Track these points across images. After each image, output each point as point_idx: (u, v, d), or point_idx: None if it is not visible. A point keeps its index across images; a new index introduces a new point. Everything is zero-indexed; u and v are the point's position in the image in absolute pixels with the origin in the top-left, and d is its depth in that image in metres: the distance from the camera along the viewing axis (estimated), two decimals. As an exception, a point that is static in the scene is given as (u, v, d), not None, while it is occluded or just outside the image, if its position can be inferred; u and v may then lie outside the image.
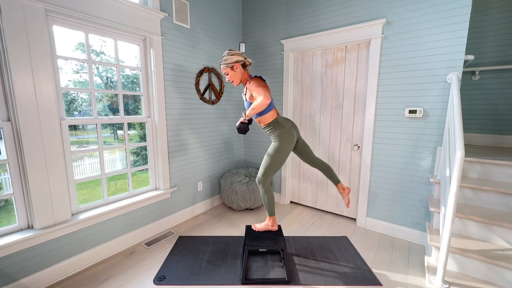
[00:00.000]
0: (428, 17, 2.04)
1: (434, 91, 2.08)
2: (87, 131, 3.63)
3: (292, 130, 1.85)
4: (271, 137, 1.86)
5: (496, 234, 1.72)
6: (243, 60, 1.77)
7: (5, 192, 1.71)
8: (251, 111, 1.66)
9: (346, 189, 2.08)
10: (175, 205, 2.64)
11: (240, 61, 1.76)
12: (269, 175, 1.86)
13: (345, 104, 2.61)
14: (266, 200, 1.92)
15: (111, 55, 2.17)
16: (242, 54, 1.79)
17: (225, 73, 1.81)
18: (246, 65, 1.80)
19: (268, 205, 1.93)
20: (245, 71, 1.80)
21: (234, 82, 1.81)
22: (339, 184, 2.08)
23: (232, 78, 1.80)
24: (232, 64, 1.75)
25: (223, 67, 1.79)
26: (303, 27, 2.75)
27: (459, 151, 1.40)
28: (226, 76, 1.82)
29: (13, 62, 1.49)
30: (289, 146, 1.83)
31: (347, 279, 1.78)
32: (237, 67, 1.76)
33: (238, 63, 1.75)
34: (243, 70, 1.79)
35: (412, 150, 2.24)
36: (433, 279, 1.63)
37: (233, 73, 1.78)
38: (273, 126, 1.83)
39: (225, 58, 1.76)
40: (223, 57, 1.78)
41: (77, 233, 1.88)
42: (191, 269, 1.90)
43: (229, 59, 1.75)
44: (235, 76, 1.79)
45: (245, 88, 1.80)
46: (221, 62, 1.79)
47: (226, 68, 1.77)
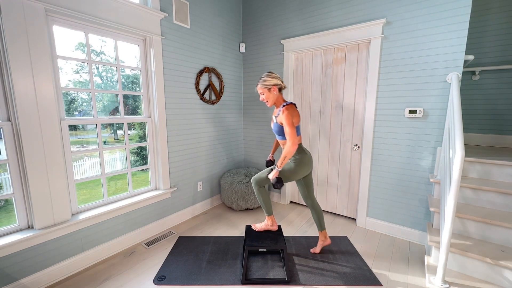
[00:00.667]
0: (428, 17, 2.04)
1: (434, 91, 2.08)
2: (87, 131, 3.64)
3: (311, 160, 1.93)
4: (291, 160, 1.89)
5: (496, 234, 1.72)
6: (280, 84, 1.83)
7: (5, 192, 1.71)
8: (283, 160, 1.72)
9: (327, 239, 2.07)
10: (175, 205, 2.64)
11: (278, 85, 1.82)
12: (263, 183, 1.91)
13: (345, 104, 2.61)
14: (261, 200, 1.95)
15: (111, 55, 2.17)
16: (280, 78, 1.85)
17: (261, 92, 1.86)
18: (281, 89, 1.87)
19: (264, 204, 1.95)
20: (280, 94, 1.87)
21: (268, 102, 1.86)
22: (324, 231, 2.06)
23: (267, 98, 1.85)
24: (271, 86, 1.81)
25: (261, 87, 1.84)
26: (303, 27, 2.75)
27: (459, 151, 1.40)
28: (261, 95, 1.88)
29: (13, 62, 1.49)
30: (301, 172, 1.88)
31: (347, 279, 1.78)
32: (274, 90, 1.82)
33: (276, 86, 1.82)
34: (279, 94, 1.86)
35: (412, 150, 2.24)
36: (433, 279, 1.64)
37: (269, 94, 1.83)
38: (297, 149, 1.88)
39: (264, 79, 1.82)
40: (263, 78, 1.83)
41: (77, 233, 1.88)
42: (191, 269, 1.90)
43: (268, 81, 1.81)
44: (271, 98, 1.84)
45: (277, 111, 1.85)
46: (260, 82, 1.84)
47: (263, 88, 1.83)
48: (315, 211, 2.02)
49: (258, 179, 1.92)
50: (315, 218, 2.04)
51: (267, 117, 3.21)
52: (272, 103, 1.87)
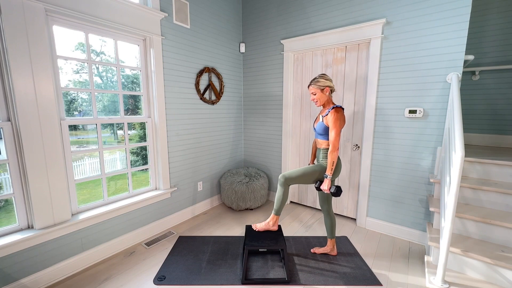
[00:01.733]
0: (428, 17, 2.04)
1: (434, 91, 2.08)
2: (87, 131, 3.63)
3: (341, 167, 1.96)
4: (323, 160, 1.91)
5: (496, 234, 1.72)
6: (332, 87, 1.87)
7: (5, 192, 1.71)
8: (332, 167, 1.77)
9: (334, 250, 2.07)
10: (175, 205, 2.64)
11: (331, 87, 1.86)
12: (294, 182, 1.89)
13: (345, 104, 2.61)
14: (280, 198, 1.90)
15: (111, 55, 2.17)
16: (332, 81, 1.89)
17: (312, 92, 1.89)
18: (332, 91, 1.90)
19: (280, 204, 1.90)
20: (330, 96, 1.91)
21: (318, 102, 1.90)
22: (333, 239, 2.05)
23: (318, 98, 1.88)
24: (324, 87, 1.84)
25: (314, 87, 1.87)
26: (303, 27, 2.75)
27: (459, 151, 1.40)
28: (312, 95, 1.90)
29: (13, 62, 1.49)
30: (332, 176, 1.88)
31: (347, 279, 1.78)
32: (326, 91, 1.86)
33: (329, 88, 1.85)
34: (329, 95, 1.89)
35: (412, 150, 2.24)
36: (433, 279, 1.64)
37: (321, 95, 1.87)
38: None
39: (318, 80, 1.85)
40: (316, 78, 1.86)
41: (77, 233, 1.88)
42: (191, 269, 1.90)
43: (322, 82, 1.84)
44: (322, 98, 1.87)
45: (326, 111, 1.86)
46: (313, 82, 1.87)
47: (316, 89, 1.86)
48: (329, 219, 2.02)
49: (288, 177, 1.86)
50: (327, 225, 2.03)
51: (267, 117, 3.21)
52: (321, 104, 1.90)
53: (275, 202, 1.94)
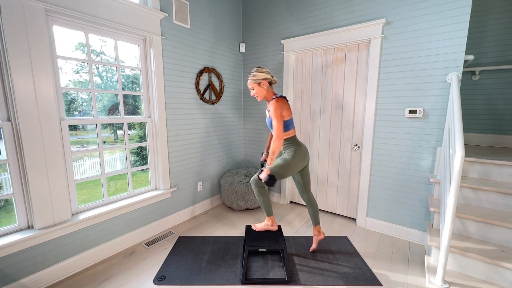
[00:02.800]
0: (428, 17, 2.04)
1: (434, 91, 2.08)
2: (87, 131, 3.64)
3: (307, 152, 1.93)
4: (285, 152, 1.89)
5: (496, 234, 1.72)
6: (270, 79, 1.83)
7: (5, 192, 1.71)
8: (272, 157, 1.74)
9: (322, 233, 2.07)
10: (175, 205, 2.64)
11: (268, 79, 1.82)
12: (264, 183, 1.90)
13: (345, 104, 2.61)
14: (261, 201, 1.94)
15: (111, 55, 2.17)
16: (269, 72, 1.85)
17: (251, 88, 1.86)
18: (272, 83, 1.87)
19: (264, 205, 1.94)
20: (270, 89, 1.86)
21: (259, 97, 1.87)
22: (318, 226, 2.06)
23: (257, 93, 1.85)
24: (260, 81, 1.81)
25: (251, 82, 1.84)
26: (303, 27, 2.75)
27: (459, 151, 1.40)
28: (251, 91, 1.88)
29: (13, 62, 1.49)
30: (298, 165, 1.88)
31: (347, 279, 1.78)
32: (264, 84, 1.82)
33: (265, 80, 1.82)
34: (269, 88, 1.85)
35: (412, 150, 2.24)
36: (433, 279, 1.64)
37: (259, 89, 1.83)
38: (291, 142, 1.88)
39: (254, 74, 1.82)
40: (252, 73, 1.84)
41: (77, 233, 1.88)
42: (191, 269, 1.90)
43: (257, 76, 1.81)
44: (261, 92, 1.84)
45: (269, 105, 1.85)
46: (250, 77, 1.85)
47: (253, 83, 1.83)
48: (311, 206, 2.03)
49: (256, 179, 1.91)
50: (310, 213, 2.05)
51: (267, 117, 3.20)
52: (262, 98, 1.87)
53: (260, 206, 1.96)
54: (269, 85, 1.85)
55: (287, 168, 1.85)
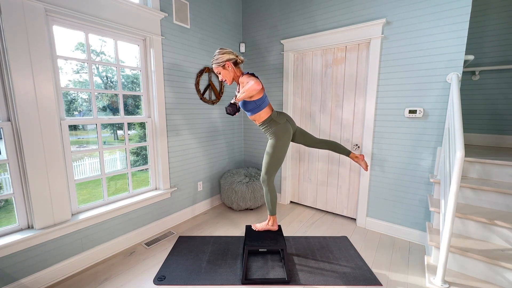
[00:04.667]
0: (428, 17, 2.04)
1: (434, 91, 2.08)
2: (87, 131, 3.63)
3: (287, 125, 1.84)
4: (267, 135, 1.87)
5: (496, 234, 1.72)
6: (234, 58, 1.73)
7: (5, 192, 1.71)
8: (241, 95, 1.64)
9: (359, 156, 2.06)
10: (175, 205, 2.64)
11: (232, 59, 1.72)
12: (272, 173, 1.88)
13: (345, 104, 2.61)
14: (268, 199, 1.93)
15: (111, 55, 2.16)
16: (233, 52, 1.75)
17: (217, 72, 1.77)
18: (238, 63, 1.77)
19: (270, 204, 1.94)
20: (237, 69, 1.77)
21: (227, 81, 1.78)
22: (351, 154, 2.05)
23: (224, 77, 1.76)
24: (224, 63, 1.72)
25: (215, 67, 1.75)
26: (303, 27, 2.75)
27: (459, 151, 1.40)
28: (219, 76, 1.79)
29: (13, 62, 1.49)
30: (285, 142, 1.83)
31: (347, 279, 1.78)
32: (228, 66, 1.72)
33: (229, 61, 1.72)
34: (235, 68, 1.76)
35: (412, 150, 2.24)
36: (433, 279, 1.64)
37: (225, 71, 1.74)
38: (268, 124, 1.83)
39: (216, 58, 1.73)
40: (214, 56, 1.75)
41: (77, 233, 1.88)
42: (191, 269, 1.90)
43: (220, 58, 1.71)
44: (228, 75, 1.75)
45: (238, 86, 1.78)
46: (213, 61, 1.76)
47: (218, 67, 1.74)
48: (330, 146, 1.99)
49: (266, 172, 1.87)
50: (337, 151, 2.02)
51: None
52: (231, 81, 1.78)
53: (266, 203, 1.95)
54: (235, 65, 1.75)
55: (277, 150, 1.81)
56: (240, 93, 1.64)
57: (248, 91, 1.60)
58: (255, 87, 1.59)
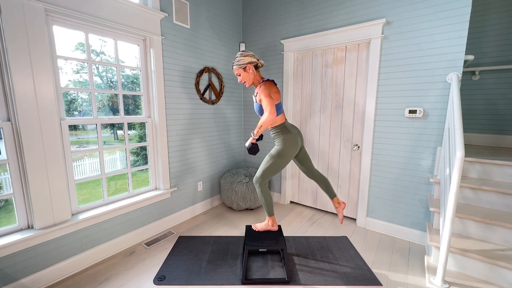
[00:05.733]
0: (428, 17, 2.04)
1: (434, 91, 2.08)
2: (87, 131, 3.64)
3: (297, 137, 1.86)
4: (276, 140, 1.87)
5: (496, 234, 1.72)
6: (255, 62, 1.78)
7: (5, 192, 1.71)
8: (258, 129, 1.68)
9: (341, 203, 2.06)
10: (175, 205, 2.64)
11: (253, 62, 1.77)
12: (267, 177, 1.87)
13: (345, 104, 2.61)
14: (263, 201, 1.93)
15: (111, 55, 2.17)
16: (255, 56, 1.78)
17: (237, 74, 1.81)
18: (258, 67, 1.81)
19: (266, 205, 1.94)
20: (257, 72, 1.81)
21: (246, 83, 1.82)
22: (335, 198, 2.05)
23: (244, 79, 1.80)
24: (245, 65, 1.76)
25: (236, 68, 1.79)
26: (303, 27, 2.75)
27: (459, 151, 1.40)
28: (238, 77, 1.83)
29: (13, 62, 1.49)
30: (291, 152, 1.84)
31: (347, 279, 1.78)
32: (249, 68, 1.77)
33: (251, 64, 1.76)
34: (256, 72, 1.80)
35: (412, 150, 2.24)
36: (433, 279, 1.64)
37: (245, 74, 1.78)
38: (280, 130, 1.84)
39: (238, 59, 1.77)
40: (236, 58, 1.79)
41: (77, 233, 1.88)
42: (191, 269, 1.90)
43: (241, 60, 1.76)
44: (247, 77, 1.79)
45: (256, 91, 1.80)
46: (234, 63, 1.80)
47: (238, 69, 1.78)
48: (321, 182, 2.00)
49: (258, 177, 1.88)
50: (323, 189, 2.03)
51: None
52: (250, 83, 1.81)
53: (262, 205, 1.95)
54: (255, 68, 1.79)
55: (280, 157, 1.81)
56: (257, 128, 1.68)
57: (265, 124, 1.65)
58: (271, 118, 1.63)
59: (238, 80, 1.84)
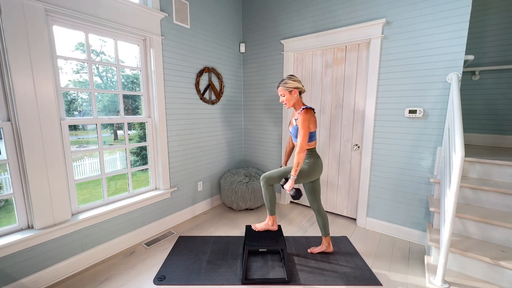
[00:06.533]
0: (428, 17, 2.04)
1: (434, 91, 2.08)
2: (87, 131, 3.64)
3: (321, 166, 1.93)
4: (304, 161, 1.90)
5: (496, 234, 1.72)
6: (301, 88, 1.85)
7: (5, 192, 1.71)
8: (296, 168, 1.75)
9: (330, 247, 2.08)
10: (175, 205, 2.64)
11: (299, 88, 1.84)
12: (273, 182, 1.91)
13: (345, 104, 2.61)
14: (267, 199, 1.94)
15: (111, 55, 2.17)
16: (301, 82, 1.87)
17: (281, 94, 1.87)
18: (301, 93, 1.89)
19: (269, 204, 1.94)
20: (300, 98, 1.89)
21: (287, 104, 1.88)
22: (328, 237, 2.06)
23: (287, 101, 1.87)
24: (292, 89, 1.83)
25: (282, 89, 1.85)
26: (303, 27, 2.75)
27: (459, 151, 1.40)
28: (281, 97, 1.89)
29: (13, 62, 1.49)
30: (312, 176, 1.89)
31: (347, 279, 1.78)
32: (295, 93, 1.84)
33: (297, 89, 1.83)
34: (298, 97, 1.88)
35: (412, 150, 2.24)
36: (433, 279, 1.64)
37: (290, 96, 1.85)
38: (311, 153, 1.90)
39: (286, 81, 1.84)
40: (284, 80, 1.85)
41: (77, 233, 1.88)
42: (191, 269, 1.90)
43: (290, 84, 1.83)
44: (290, 100, 1.86)
45: (296, 114, 1.86)
46: (281, 84, 1.85)
47: (284, 90, 1.84)
48: (320, 217, 2.01)
49: (269, 177, 1.90)
50: (320, 224, 2.03)
51: (268, 117, 3.21)
52: (291, 106, 1.89)
53: (265, 203, 1.97)
54: (299, 94, 1.88)
55: (301, 175, 1.86)
56: (294, 167, 1.75)
57: (300, 161, 1.75)
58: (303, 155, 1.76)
59: (280, 100, 1.91)
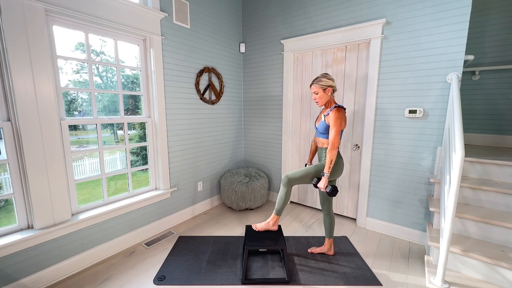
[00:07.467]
0: (428, 17, 2.04)
1: (434, 91, 2.08)
2: (87, 131, 3.64)
3: (342, 166, 1.94)
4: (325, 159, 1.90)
5: (496, 234, 1.72)
6: (334, 87, 1.87)
7: (5, 192, 1.71)
8: (330, 165, 1.77)
9: (332, 250, 2.08)
10: (175, 205, 2.64)
11: (333, 87, 1.86)
12: (298, 182, 1.91)
13: (345, 104, 2.61)
14: (282, 199, 1.91)
15: (111, 55, 2.17)
16: (334, 81, 1.89)
17: (315, 92, 1.88)
18: (334, 91, 1.90)
19: (281, 204, 1.92)
20: (332, 96, 1.90)
21: (319, 102, 1.89)
22: (331, 239, 2.06)
23: (320, 98, 1.87)
24: (326, 87, 1.84)
25: (316, 87, 1.86)
26: (303, 27, 2.75)
27: (459, 151, 1.40)
28: (314, 94, 1.89)
29: (13, 62, 1.49)
30: (334, 175, 1.89)
31: (347, 279, 1.78)
32: (328, 91, 1.85)
33: (331, 88, 1.85)
34: (331, 95, 1.89)
35: (412, 150, 2.24)
36: (433, 279, 1.64)
37: (323, 94, 1.86)
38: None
39: (320, 79, 1.85)
40: (318, 78, 1.86)
41: (77, 233, 1.88)
42: (191, 269, 1.90)
43: (325, 82, 1.84)
44: (324, 98, 1.87)
45: (327, 111, 1.87)
46: (316, 81, 1.86)
47: (319, 88, 1.85)
48: (329, 218, 2.01)
49: (292, 178, 1.89)
50: (326, 224, 2.03)
51: (268, 117, 3.21)
52: (322, 103, 1.90)
53: (277, 202, 1.95)
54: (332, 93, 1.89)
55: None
56: (328, 165, 1.77)
57: (333, 158, 1.77)
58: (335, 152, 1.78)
59: (313, 97, 1.91)
